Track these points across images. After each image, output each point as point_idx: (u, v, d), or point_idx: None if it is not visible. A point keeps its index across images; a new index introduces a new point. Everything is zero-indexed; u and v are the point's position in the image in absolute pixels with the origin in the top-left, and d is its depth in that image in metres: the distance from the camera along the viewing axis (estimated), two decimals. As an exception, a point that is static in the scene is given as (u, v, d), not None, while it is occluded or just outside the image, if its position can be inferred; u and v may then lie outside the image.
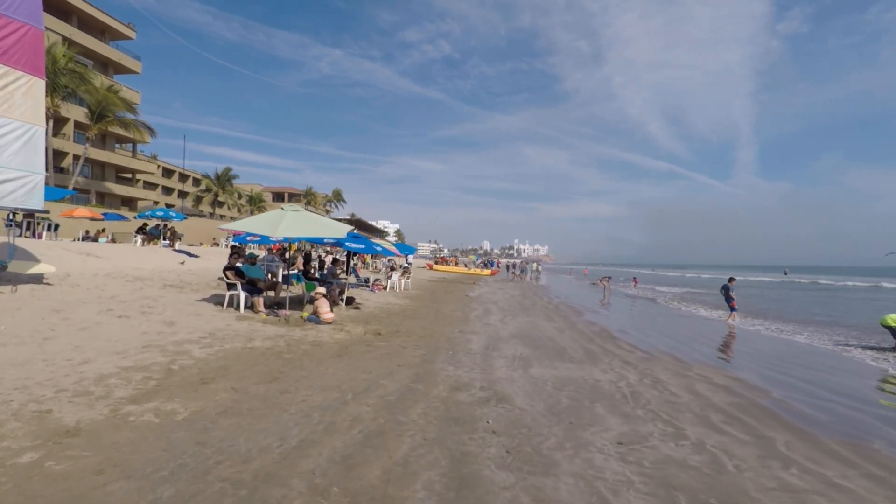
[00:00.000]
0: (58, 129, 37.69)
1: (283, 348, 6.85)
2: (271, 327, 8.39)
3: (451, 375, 6.05)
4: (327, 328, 8.79)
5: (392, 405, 4.68)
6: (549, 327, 11.47)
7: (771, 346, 10.92)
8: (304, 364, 6.06)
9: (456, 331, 9.86)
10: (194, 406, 4.23)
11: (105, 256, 16.43)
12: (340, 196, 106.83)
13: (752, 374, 7.44)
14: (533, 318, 13.33)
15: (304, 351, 6.80)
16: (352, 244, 11.22)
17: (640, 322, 14.44)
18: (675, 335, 11.76)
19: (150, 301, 9.60)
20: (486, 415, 4.58)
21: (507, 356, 7.56)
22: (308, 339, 7.62)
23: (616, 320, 14.49)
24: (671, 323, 14.62)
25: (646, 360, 8.03)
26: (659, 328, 13.05)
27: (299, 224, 8.98)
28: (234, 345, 6.78)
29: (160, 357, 5.72)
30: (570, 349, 8.56)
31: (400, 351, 7.35)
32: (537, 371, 6.64)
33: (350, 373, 5.81)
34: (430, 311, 13.08)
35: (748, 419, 4.96)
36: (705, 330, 13.13)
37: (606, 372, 6.82)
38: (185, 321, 8.08)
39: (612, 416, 4.81)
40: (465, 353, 7.54)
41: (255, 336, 7.50)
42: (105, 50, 41.80)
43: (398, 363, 6.50)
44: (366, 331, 8.88)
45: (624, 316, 16.22)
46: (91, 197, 39.67)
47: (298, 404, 4.50)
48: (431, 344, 8.14)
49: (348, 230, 9.84)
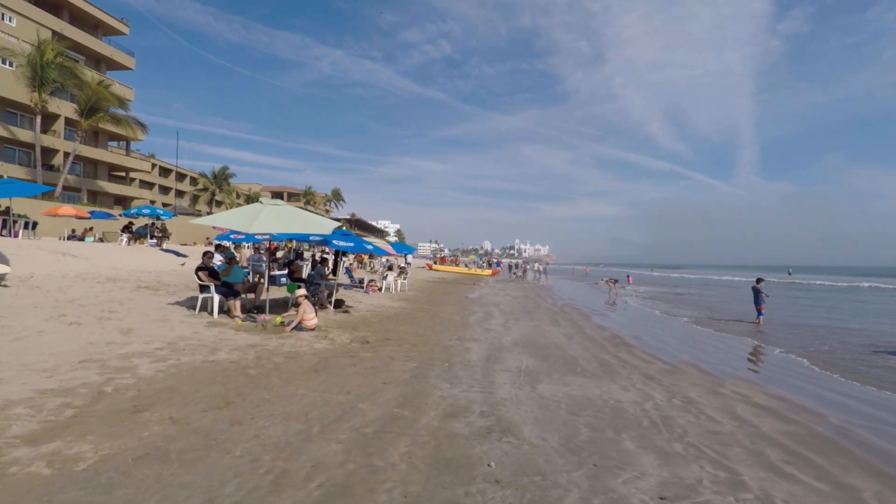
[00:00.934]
0: (48, 125, 36.79)
1: (251, 362, 5.88)
2: (244, 335, 7.43)
3: (445, 396, 5.08)
4: (309, 336, 7.83)
5: (368, 441, 3.71)
6: (555, 333, 10.50)
7: (806, 353, 9.93)
8: (271, 383, 5.09)
9: (453, 338, 8.89)
10: (110, 447, 3.27)
11: (83, 256, 15.49)
12: (340, 196, 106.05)
13: (796, 390, 6.46)
14: (537, 322, 12.36)
15: (274, 365, 5.83)
16: (340, 242, 10.26)
17: (653, 326, 13.46)
18: (692, 342, 10.78)
19: (115, 305, 8.65)
20: (487, 454, 3.62)
21: (510, 369, 6.59)
22: (283, 350, 6.66)
23: (627, 325, 13.51)
24: (685, 329, 13.64)
25: (669, 372, 7.06)
26: (676, 334, 12.07)
27: (278, 219, 8.02)
28: (194, 357, 5.82)
29: (95, 376, 4.76)
30: (582, 360, 7.59)
31: (388, 364, 6.38)
32: (547, 388, 5.67)
33: (324, 394, 4.85)
34: (427, 314, 12.12)
35: (814, 457, 3.98)
36: (724, 337, 12.14)
37: (627, 389, 5.85)
38: (146, 329, 7.12)
39: (644, 453, 3.84)
40: (462, 366, 6.57)
41: (223, 346, 6.54)
42: (97, 45, 40.89)
43: (384, 380, 5.54)
44: (352, 338, 7.92)
45: (635, 320, 15.23)
46: (83, 195, 38.72)
47: (249, 442, 3.54)
48: (425, 354, 7.17)
49: (335, 227, 8.89)
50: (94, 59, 41.51)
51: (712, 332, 12.42)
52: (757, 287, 14.10)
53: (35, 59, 29.72)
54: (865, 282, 52.92)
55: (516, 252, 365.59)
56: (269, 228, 7.79)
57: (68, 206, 24.70)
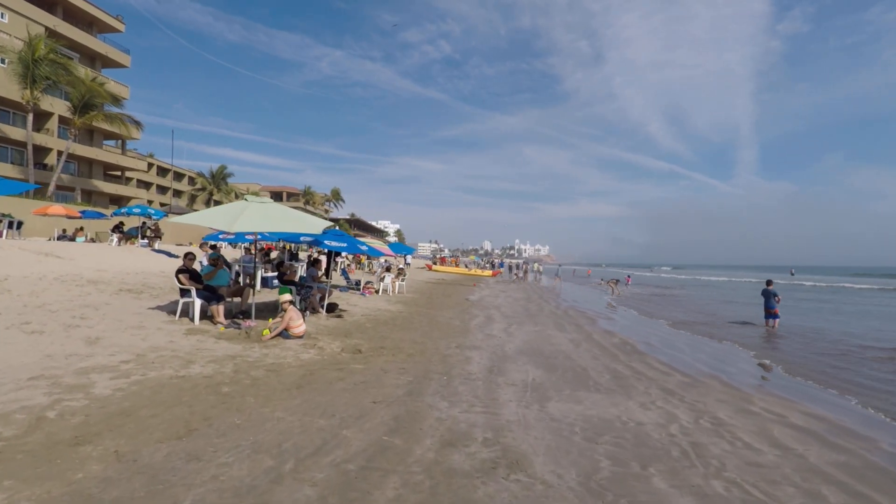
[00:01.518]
0: (41, 123, 36.22)
1: (227, 377, 5.27)
2: (225, 344, 6.81)
3: (443, 418, 4.47)
4: (296, 344, 7.21)
5: (350, 482, 3.09)
6: (561, 339, 9.88)
7: (825, 361, 9.30)
8: (245, 403, 4.48)
9: (453, 345, 8.28)
10: (28, 497, 2.65)
11: (68, 257, 14.88)
12: (339, 195, 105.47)
13: (832, 408, 5.84)
14: (542, 326, 11.74)
15: (252, 380, 5.22)
16: (332, 242, 9.63)
17: (662, 332, 12.84)
18: (707, 349, 10.16)
19: (88, 311, 8.04)
20: (492, 498, 3.00)
21: (516, 383, 5.97)
22: (265, 362, 6.04)
23: (635, 329, 12.89)
24: (698, 334, 13.01)
25: (689, 386, 6.43)
26: (688, 340, 11.45)
27: (264, 217, 7.41)
28: (162, 372, 5.20)
29: (41, 397, 4.14)
30: (594, 371, 6.97)
31: (380, 377, 5.76)
32: (558, 407, 5.05)
33: (304, 417, 4.23)
34: (425, 318, 11.50)
35: (882, 499, 3.36)
36: (741, 343, 11.51)
37: (648, 408, 5.23)
38: (116, 337, 6.50)
39: (680, 494, 3.22)
40: (463, 380, 5.95)
41: (198, 357, 5.93)
42: (92, 42, 40.30)
43: (374, 398, 4.92)
44: (343, 347, 7.30)
45: (643, 324, 14.60)
46: (77, 195, 38.12)
47: (204, 485, 2.92)
48: (422, 365, 6.56)
49: (326, 226, 8.27)
50: (89, 56, 40.90)
51: (727, 336, 11.80)
52: (768, 290, 13.48)
53: (26, 56, 29.13)
54: (868, 283, 52.21)
55: (516, 252, 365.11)
56: (253, 227, 7.17)
57: (58, 206, 24.09)
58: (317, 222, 8.04)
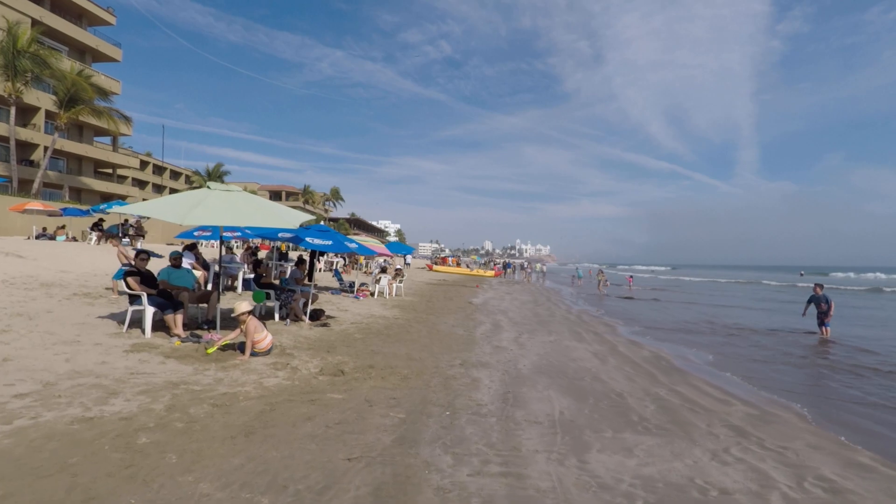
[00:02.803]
0: (27, 118, 34.89)
1: (155, 417, 3.90)
2: (173, 365, 5.45)
3: (445, 487, 3.10)
4: (263, 364, 5.85)
5: None
6: (583, 352, 8.50)
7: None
8: (161, 467, 3.11)
9: (456, 362, 6.90)
10: None
11: (31, 257, 13.55)
12: (338, 195, 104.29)
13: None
14: (557, 335, 10.36)
15: (188, 422, 3.85)
16: (315, 240, 8.26)
17: (693, 340, 11.45)
18: (759, 361, 8.77)
19: (18, 321, 6.69)
20: None
21: (540, 419, 4.61)
22: (215, 391, 4.67)
23: (661, 337, 11.51)
24: (736, 343, 11.62)
25: (761, 421, 5.05)
26: (726, 350, 10.06)
27: (226, 209, 6.05)
28: (66, 412, 3.83)
29: None
30: (633, 398, 5.60)
31: (363, 413, 4.40)
32: (602, 461, 3.68)
33: (241, 491, 2.86)
34: (424, 326, 10.12)
35: None
36: (790, 353, 10.12)
37: (724, 461, 3.85)
38: (32, 357, 5.14)
39: None
40: (471, 415, 4.59)
41: (127, 386, 4.56)
42: (82, 35, 38.93)
43: (350, 450, 3.55)
44: (322, 367, 5.94)
45: (668, 331, 13.21)
46: (65, 192, 36.80)
47: None
48: (418, 393, 5.19)
49: (305, 220, 6.91)
50: (79, 49, 39.55)
51: (771, 346, 10.41)
52: (817, 296, 12.01)
53: (7, 47, 27.81)
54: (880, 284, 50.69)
55: (517, 252, 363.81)
56: (211, 220, 5.81)
57: (35, 202, 22.77)
58: (293, 216, 6.68)
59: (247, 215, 6.13)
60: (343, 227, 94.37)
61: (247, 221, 6.09)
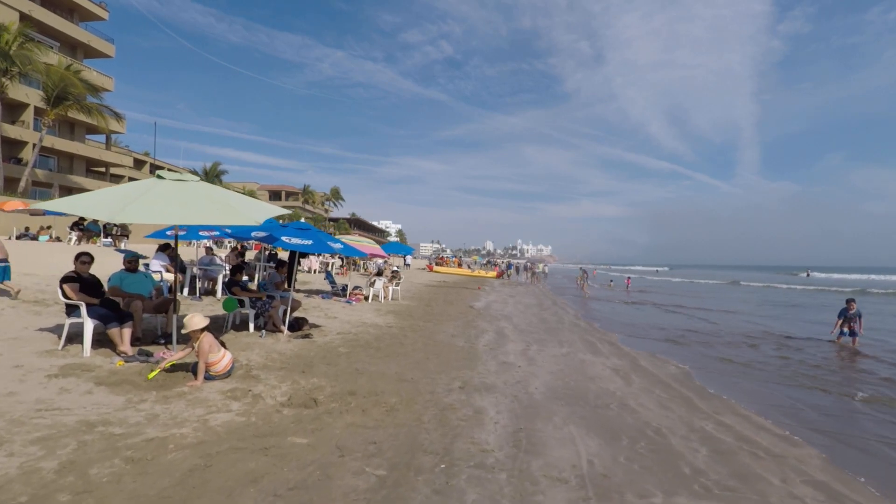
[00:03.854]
0: (14, 115, 33.90)
1: (39, 481, 2.81)
2: (102, 395, 4.36)
3: None
4: (221, 388, 4.77)
5: None
6: (601, 368, 7.40)
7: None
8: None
9: (455, 385, 5.80)
10: None
11: (-4, 258, 12.47)
12: (338, 194, 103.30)
13: None
14: (569, 346, 9.25)
15: (81, 491, 2.76)
16: (292, 239, 7.15)
17: (712, 351, 10.35)
18: (800, 381, 7.67)
19: (-66, 335, 5.62)
20: None
21: (563, 475, 3.50)
22: (141, 435, 3.58)
23: (678, 349, 10.40)
24: (763, 357, 10.50)
25: (832, 475, 3.95)
26: (757, 366, 8.95)
27: (170, 203, 4.95)
28: None
29: None
30: (675, 435, 4.49)
31: (328, 471, 3.30)
32: (660, 552, 2.58)
33: None
34: (420, 336, 9.02)
35: None
36: (830, 368, 9.00)
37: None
38: (-85, 389, 4.06)
39: None
40: (472, 471, 3.49)
41: (25, 430, 3.48)
42: (73, 30, 37.94)
43: (300, 543, 2.46)
44: (292, 393, 4.85)
45: (682, 343, 12.08)
46: (54, 191, 35.78)
47: None
48: (406, 434, 4.09)
49: (271, 214, 5.80)
50: (70, 45, 38.57)
51: (802, 358, 9.30)
52: (854, 312, 10.85)
53: (-9, 40, 26.81)
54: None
55: (518, 252, 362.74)
56: (149, 217, 4.72)
57: (15, 201, 21.73)
58: (258, 210, 5.58)
59: (196, 211, 5.03)
60: (343, 227, 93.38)
61: (195, 218, 5.00)
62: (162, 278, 10.40)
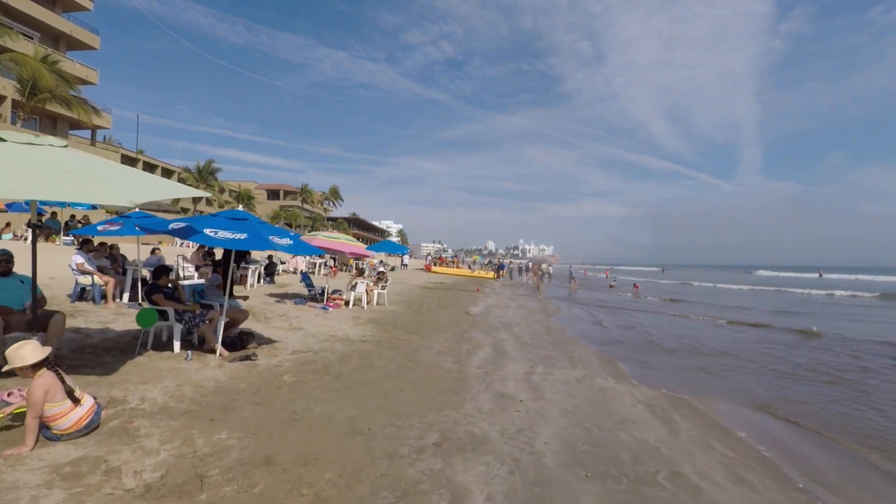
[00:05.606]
0: (-10, 108, 32.28)
1: None
2: None
3: None
4: (62, 456, 3.03)
5: None
6: (631, 403, 5.61)
7: None
8: None
9: (429, 440, 4.04)
10: None
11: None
12: (337, 193, 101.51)
13: None
14: (584, 367, 7.47)
15: None
16: (219, 233, 5.38)
17: (767, 381, 8.57)
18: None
19: None
20: None
21: None
22: None
23: (726, 378, 8.64)
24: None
25: None
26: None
27: (6, 168, 3.24)
28: None
29: None
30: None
31: None
32: None
33: None
34: (399, 354, 7.26)
35: None
36: None
37: None
38: None
39: None
40: None
41: None
42: (54, 20, 36.29)
43: None
44: (170, 466, 3.10)
45: (725, 369, 10.29)
46: (34, 188, 34.07)
47: None
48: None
49: (165, 195, 4.06)
50: (52, 36, 36.93)
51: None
52: None
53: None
54: None
55: (520, 252, 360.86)
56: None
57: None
58: (143, 187, 3.83)
59: (38, 181, 3.29)
60: (342, 227, 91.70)
61: (31, 191, 3.27)
62: (86, 282, 8.72)
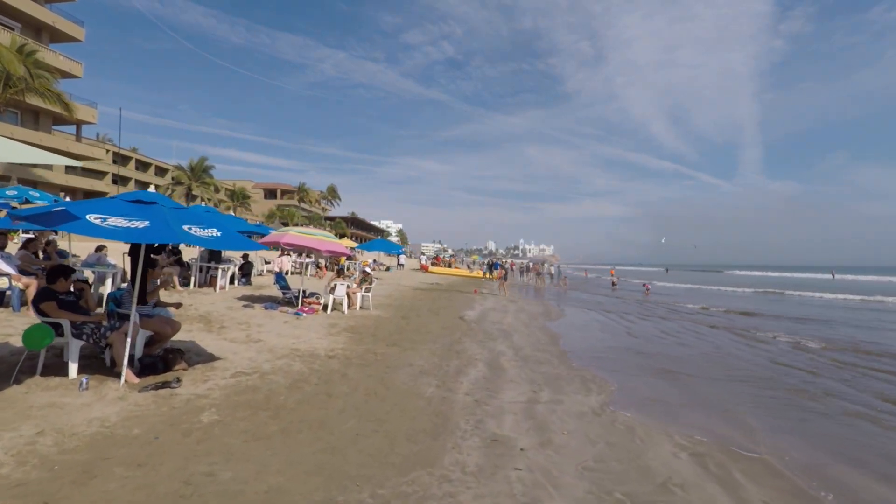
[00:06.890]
0: (-34, 101, 30.88)
1: None
2: None
3: None
4: None
5: None
6: (672, 454, 4.18)
7: None
8: None
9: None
10: None
11: None
12: (335, 193, 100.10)
13: None
14: (599, 392, 6.05)
15: None
16: (110, 220, 3.96)
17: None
18: None
19: None
20: None
21: None
22: None
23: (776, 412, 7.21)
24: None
25: None
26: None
27: None
28: None
29: None
30: None
31: None
32: None
33: None
34: (367, 377, 5.84)
35: None
36: None
37: None
38: None
39: None
40: None
41: None
42: (36, 10, 34.86)
43: None
44: None
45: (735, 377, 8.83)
46: (14, 184, 32.73)
47: None
48: None
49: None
50: (34, 27, 35.52)
51: None
52: None
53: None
54: None
55: (521, 252, 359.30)
56: None
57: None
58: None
59: None
60: (340, 227, 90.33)
61: None
62: (3, 285, 7.34)
